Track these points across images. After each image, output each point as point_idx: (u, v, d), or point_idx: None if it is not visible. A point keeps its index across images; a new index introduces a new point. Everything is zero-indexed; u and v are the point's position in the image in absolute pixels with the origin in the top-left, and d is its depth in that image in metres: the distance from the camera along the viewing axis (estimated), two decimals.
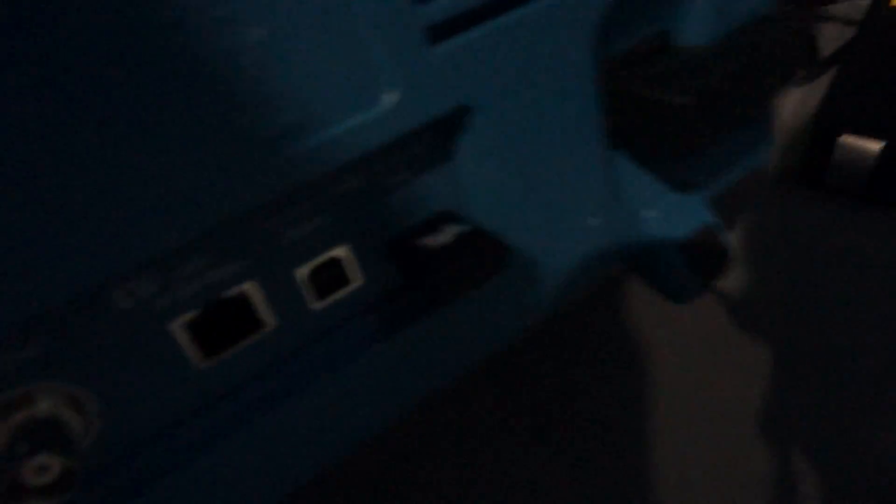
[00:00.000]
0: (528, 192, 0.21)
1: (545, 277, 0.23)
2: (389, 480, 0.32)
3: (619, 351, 0.36)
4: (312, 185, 0.17)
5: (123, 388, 0.17)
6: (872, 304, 0.35)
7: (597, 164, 0.23)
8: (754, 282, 0.37)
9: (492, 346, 0.23)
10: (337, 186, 0.19)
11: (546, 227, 0.22)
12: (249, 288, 0.18)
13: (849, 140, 0.40)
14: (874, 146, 0.39)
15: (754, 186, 0.43)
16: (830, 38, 0.48)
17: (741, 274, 0.37)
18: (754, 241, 0.39)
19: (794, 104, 0.46)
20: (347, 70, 0.16)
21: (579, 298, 0.25)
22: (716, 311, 0.36)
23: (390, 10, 0.16)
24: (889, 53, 0.42)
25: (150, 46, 0.14)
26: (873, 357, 0.32)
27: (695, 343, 0.35)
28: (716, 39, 0.23)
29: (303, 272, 0.19)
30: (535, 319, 0.23)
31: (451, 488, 0.31)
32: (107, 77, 0.13)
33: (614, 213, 0.24)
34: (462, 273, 0.18)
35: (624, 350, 0.36)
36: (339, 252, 0.20)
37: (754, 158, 0.28)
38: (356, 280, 0.20)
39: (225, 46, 0.15)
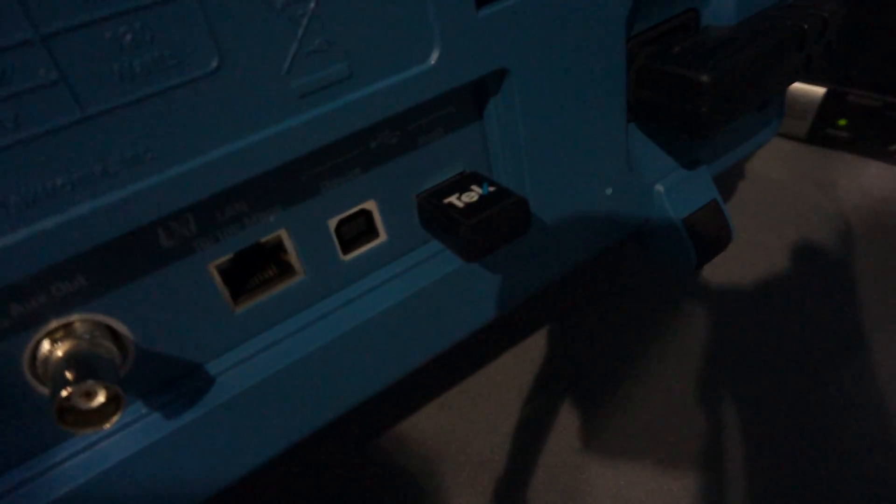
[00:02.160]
0: (552, 156, 0.22)
1: (559, 241, 0.24)
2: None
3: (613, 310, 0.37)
4: (352, 137, 0.18)
5: (160, 324, 0.18)
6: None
7: (617, 136, 0.23)
8: None
9: (506, 304, 0.24)
10: (372, 141, 0.19)
11: (566, 192, 0.23)
12: (283, 234, 0.19)
13: (794, 85, 0.44)
14: (818, 91, 0.44)
15: None
16: None
17: None
18: None
19: None
20: (400, 27, 0.17)
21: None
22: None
23: None
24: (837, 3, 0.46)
25: None
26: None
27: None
28: (742, 20, 0.24)
29: (334, 222, 0.20)
30: (547, 281, 0.24)
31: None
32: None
33: (628, 184, 0.25)
34: (488, 231, 0.19)
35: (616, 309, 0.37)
36: (371, 205, 0.20)
37: (762, 136, 0.30)
38: (382, 234, 0.21)
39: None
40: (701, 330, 0.36)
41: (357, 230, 0.21)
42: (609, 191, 0.24)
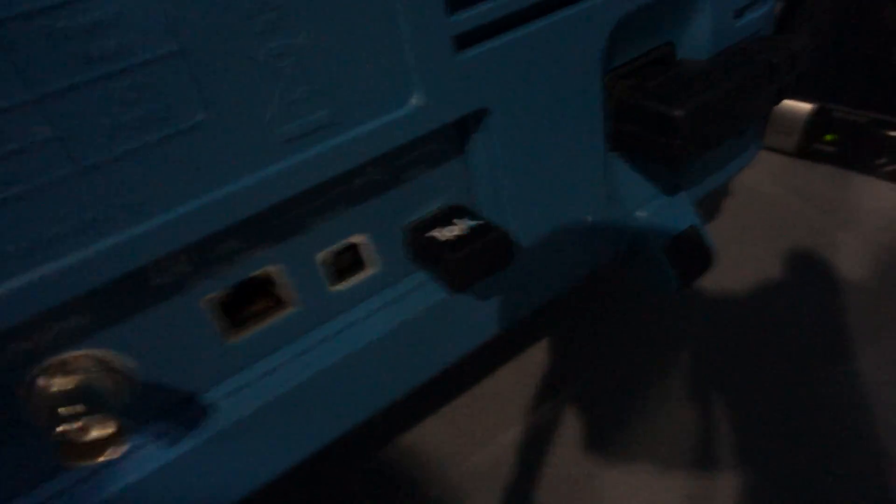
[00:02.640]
0: (533, 187, 0.23)
1: (543, 269, 0.25)
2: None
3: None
4: (338, 177, 0.19)
5: (156, 356, 0.18)
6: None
7: (595, 166, 0.24)
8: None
9: (494, 329, 0.24)
10: (358, 179, 0.20)
11: (547, 222, 0.24)
12: (273, 269, 0.20)
13: (784, 103, 0.45)
14: (805, 107, 0.45)
15: None
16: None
17: None
18: None
19: None
20: (381, 73, 0.18)
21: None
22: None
23: (426, 18, 0.17)
24: (826, 25, 0.48)
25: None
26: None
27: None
28: (715, 53, 0.25)
29: (322, 256, 0.20)
30: (534, 306, 0.25)
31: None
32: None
33: (609, 212, 0.26)
34: (472, 264, 0.20)
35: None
36: (358, 239, 0.21)
37: (741, 160, 0.30)
38: (372, 265, 0.22)
39: (272, 49, 0.16)
40: (696, 337, 0.37)
41: (347, 262, 0.21)
42: (590, 218, 0.25)
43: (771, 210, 0.45)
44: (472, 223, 0.21)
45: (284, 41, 0.16)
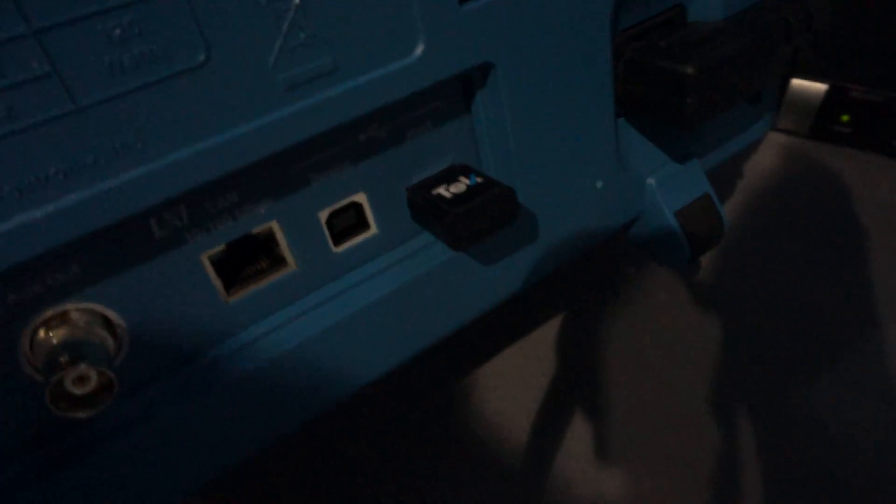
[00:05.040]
0: (540, 149, 0.22)
1: (550, 235, 0.24)
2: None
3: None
4: (341, 130, 0.18)
5: (153, 313, 0.18)
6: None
7: (605, 130, 0.24)
8: None
9: (498, 297, 0.24)
10: (361, 134, 0.20)
11: (555, 185, 0.23)
12: (275, 226, 0.19)
13: (798, 83, 0.44)
14: (820, 87, 0.43)
15: None
16: None
17: None
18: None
19: None
20: (385, 20, 0.17)
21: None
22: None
23: None
24: (833, 9, 0.46)
25: None
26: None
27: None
28: (729, 15, 0.24)
29: (324, 215, 0.20)
30: (540, 275, 0.25)
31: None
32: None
33: (619, 178, 0.25)
34: (474, 220, 0.20)
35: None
36: (359, 198, 0.21)
37: (755, 131, 0.30)
38: (373, 227, 0.21)
39: None
40: (705, 326, 0.36)
41: (348, 222, 0.21)
42: (600, 184, 0.25)
43: (784, 192, 0.45)
44: (476, 180, 0.20)
45: None
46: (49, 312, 0.17)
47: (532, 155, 0.22)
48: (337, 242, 0.21)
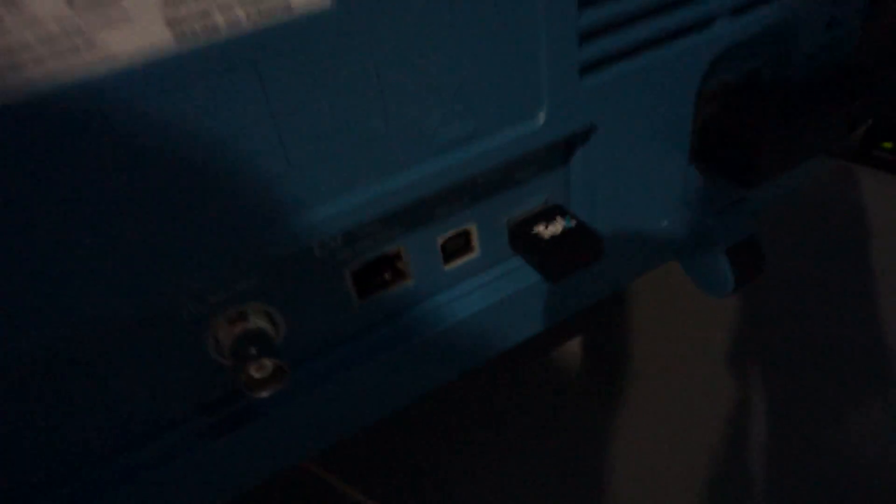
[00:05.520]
0: (622, 195, 0.26)
1: (616, 264, 0.28)
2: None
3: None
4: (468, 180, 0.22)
5: (305, 312, 0.22)
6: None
7: (678, 178, 0.27)
8: None
9: (572, 309, 0.28)
10: (480, 178, 0.23)
11: (628, 224, 0.27)
12: (402, 248, 0.23)
13: None
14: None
15: None
16: None
17: None
18: None
19: None
20: (518, 93, 0.21)
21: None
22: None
23: (560, 49, 0.20)
24: (888, 35, 0.49)
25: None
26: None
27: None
28: (801, 79, 0.27)
29: (440, 240, 0.24)
30: (607, 293, 0.29)
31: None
32: None
33: (682, 217, 0.29)
34: (568, 261, 0.23)
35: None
36: (470, 227, 0.24)
37: (801, 180, 0.33)
38: (476, 250, 0.25)
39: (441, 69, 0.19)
40: (723, 323, 0.40)
41: (457, 246, 0.25)
42: (665, 223, 0.28)
43: (824, 210, 0.48)
44: (570, 224, 0.24)
45: (451, 64, 0.19)
46: (233, 311, 0.21)
47: (614, 199, 0.26)
48: (447, 262, 0.25)
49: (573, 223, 0.24)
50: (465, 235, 0.25)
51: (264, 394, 0.20)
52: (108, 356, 0.19)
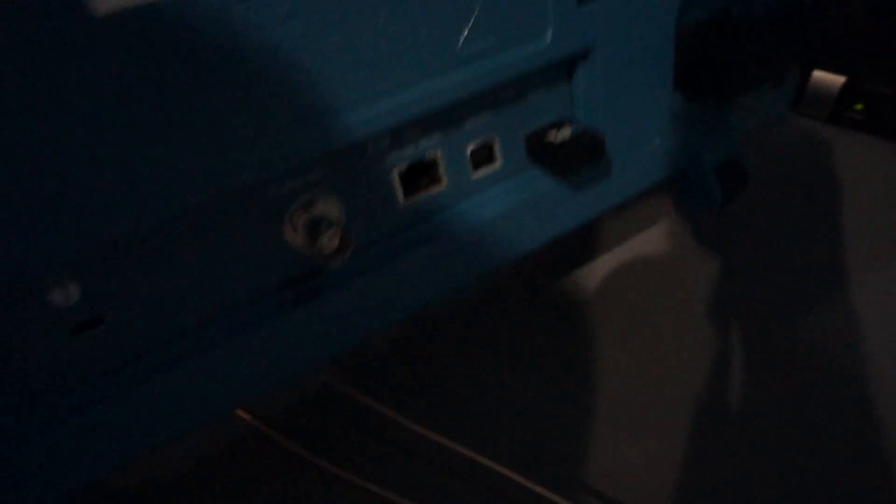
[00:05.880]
0: (619, 110, 0.31)
1: (619, 175, 0.33)
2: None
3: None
4: (490, 90, 0.27)
5: (360, 203, 0.27)
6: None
7: (665, 99, 0.32)
8: None
9: (585, 216, 0.33)
10: (501, 93, 0.28)
11: (626, 137, 0.32)
12: (438, 154, 0.28)
13: (819, 75, 0.52)
14: (838, 80, 0.53)
15: None
16: None
17: None
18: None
19: None
20: (531, 16, 0.26)
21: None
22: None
23: None
24: (859, 6, 0.55)
25: None
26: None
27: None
28: (763, 16, 0.32)
29: (469, 149, 0.29)
30: (612, 204, 0.33)
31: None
32: None
33: (672, 136, 0.33)
34: (575, 156, 0.28)
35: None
36: (493, 140, 0.29)
37: (777, 112, 0.38)
38: (499, 161, 0.30)
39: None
40: (693, 272, 0.44)
41: (482, 158, 0.30)
42: (658, 140, 0.33)
43: (797, 165, 0.52)
44: (577, 130, 0.29)
45: None
46: (305, 198, 0.25)
47: (612, 113, 0.31)
48: (474, 169, 0.29)
49: (579, 128, 0.29)
50: (489, 147, 0.30)
51: (335, 263, 0.25)
52: (208, 238, 0.24)
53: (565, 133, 0.29)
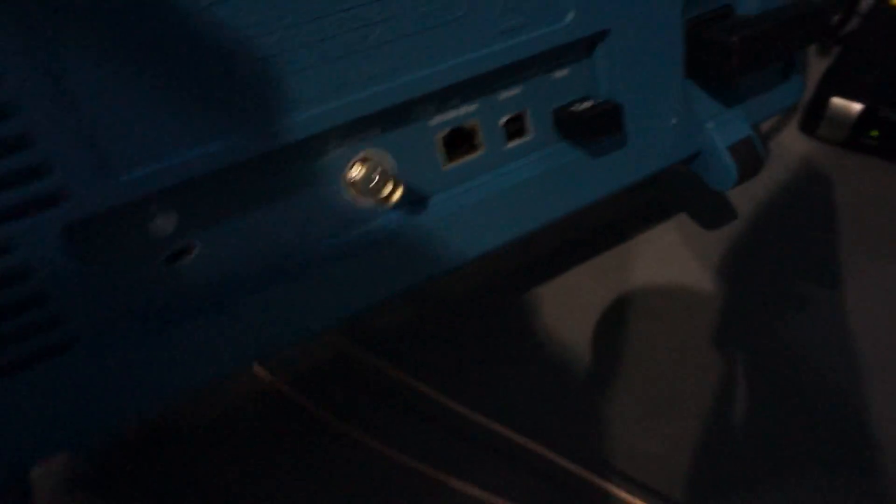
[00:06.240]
0: (636, 89, 0.35)
1: (637, 151, 0.36)
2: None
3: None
4: (519, 64, 0.31)
5: (409, 164, 0.31)
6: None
7: (677, 83, 0.36)
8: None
9: (605, 189, 0.36)
10: (529, 70, 0.32)
11: (644, 115, 0.35)
12: (476, 122, 0.32)
13: (837, 101, 0.54)
14: (856, 107, 0.54)
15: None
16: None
17: None
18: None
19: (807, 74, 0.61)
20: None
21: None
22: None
23: None
24: (879, 41, 0.59)
25: None
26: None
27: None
28: (765, 10, 0.37)
29: (503, 119, 0.33)
30: (635, 178, 0.37)
31: None
32: None
33: (686, 118, 0.37)
34: (600, 128, 0.32)
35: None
36: (524, 111, 0.33)
37: (785, 100, 0.41)
38: (529, 132, 0.34)
39: None
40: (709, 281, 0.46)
41: (514, 128, 0.34)
42: (674, 120, 0.37)
43: (816, 187, 0.55)
44: (597, 101, 0.33)
45: None
46: (362, 154, 0.30)
47: (631, 92, 0.34)
48: (508, 139, 0.33)
49: (600, 100, 0.33)
50: (521, 119, 0.34)
51: (391, 203, 0.29)
52: (280, 185, 0.28)
53: (588, 104, 0.33)
